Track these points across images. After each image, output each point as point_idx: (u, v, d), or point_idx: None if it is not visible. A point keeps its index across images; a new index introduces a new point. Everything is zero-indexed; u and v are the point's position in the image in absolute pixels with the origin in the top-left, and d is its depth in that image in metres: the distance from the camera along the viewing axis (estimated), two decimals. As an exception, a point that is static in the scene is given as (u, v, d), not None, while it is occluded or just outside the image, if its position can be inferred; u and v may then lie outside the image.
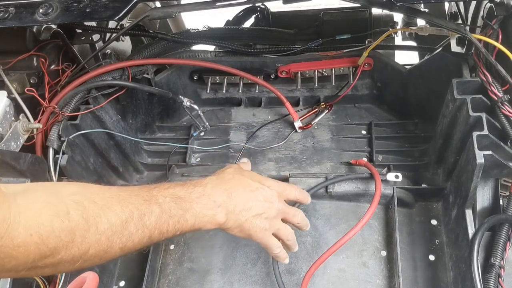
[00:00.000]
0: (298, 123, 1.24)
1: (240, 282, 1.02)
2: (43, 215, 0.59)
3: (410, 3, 1.05)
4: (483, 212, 0.95)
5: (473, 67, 1.06)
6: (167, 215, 0.75)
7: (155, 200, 0.74)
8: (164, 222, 0.74)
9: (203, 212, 0.79)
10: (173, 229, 0.76)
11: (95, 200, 0.67)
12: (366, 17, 1.38)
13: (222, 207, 0.82)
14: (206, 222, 0.80)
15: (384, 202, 1.08)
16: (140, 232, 0.71)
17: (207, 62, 1.26)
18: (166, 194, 0.76)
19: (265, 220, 0.87)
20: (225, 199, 0.82)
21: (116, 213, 0.68)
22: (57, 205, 0.61)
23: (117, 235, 0.67)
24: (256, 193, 0.87)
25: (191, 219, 0.78)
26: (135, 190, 0.75)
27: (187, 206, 0.78)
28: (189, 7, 1.16)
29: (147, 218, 0.72)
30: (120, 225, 0.68)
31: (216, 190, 0.83)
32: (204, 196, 0.81)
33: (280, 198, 0.90)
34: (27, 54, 1.13)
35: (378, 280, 1.00)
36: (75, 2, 0.98)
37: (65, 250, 0.61)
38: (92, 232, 0.64)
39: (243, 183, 0.87)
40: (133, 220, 0.70)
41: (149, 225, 0.72)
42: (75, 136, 1.03)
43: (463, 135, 0.96)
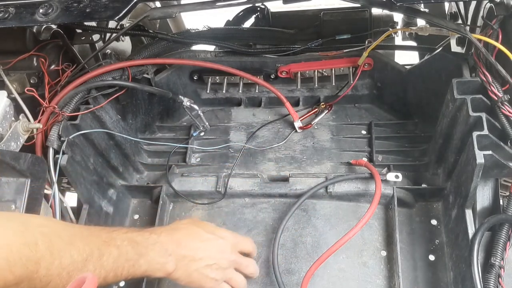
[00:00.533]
0: (298, 123, 1.24)
1: (240, 282, 1.02)
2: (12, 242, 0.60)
3: (410, 3, 1.05)
4: (483, 212, 0.95)
5: (473, 67, 1.06)
6: (124, 258, 0.77)
7: (114, 242, 0.77)
8: (120, 265, 0.77)
9: (155, 259, 0.82)
10: (127, 273, 0.78)
11: (61, 235, 0.70)
12: (366, 17, 1.38)
13: (173, 256, 0.84)
14: (157, 270, 0.82)
15: (384, 202, 1.08)
16: (97, 272, 0.73)
17: (207, 62, 1.26)
18: (124, 238, 0.79)
19: (216, 270, 0.89)
20: (175, 248, 0.85)
21: (79, 250, 0.71)
22: (26, 235, 0.63)
23: (77, 272, 0.70)
24: (208, 244, 0.90)
25: (144, 265, 0.80)
26: (96, 230, 0.79)
27: (142, 251, 0.80)
28: (189, 7, 1.16)
29: (105, 259, 0.74)
30: (81, 262, 0.70)
31: (169, 239, 0.85)
32: (158, 243, 0.83)
33: (233, 249, 0.93)
34: (27, 54, 1.13)
35: (378, 280, 1.00)
36: (75, 2, 0.98)
37: (27, 280, 0.62)
38: (55, 266, 0.66)
39: (195, 234, 0.90)
40: (93, 259, 0.72)
41: (106, 266, 0.74)
42: (75, 136, 1.03)
43: (463, 135, 0.96)
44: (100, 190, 1.11)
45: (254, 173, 1.17)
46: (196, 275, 0.87)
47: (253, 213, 1.12)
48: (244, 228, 1.10)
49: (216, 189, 1.13)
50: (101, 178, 1.12)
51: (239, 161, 1.21)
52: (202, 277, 0.87)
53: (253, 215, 1.12)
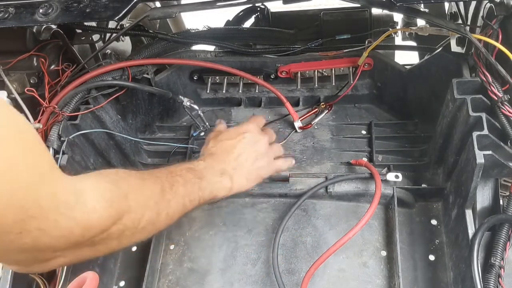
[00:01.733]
0: (298, 123, 1.24)
1: (240, 282, 1.02)
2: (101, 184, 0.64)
3: (410, 3, 1.05)
4: (483, 212, 0.95)
5: (473, 67, 1.06)
6: (190, 184, 0.83)
7: (175, 173, 0.82)
8: (190, 190, 0.82)
9: (213, 179, 0.88)
10: (197, 196, 0.84)
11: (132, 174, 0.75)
12: (366, 17, 1.38)
13: (225, 174, 0.91)
14: (219, 189, 0.89)
15: (384, 202, 1.08)
16: (176, 199, 0.78)
17: (207, 62, 1.26)
18: (182, 168, 0.85)
19: (261, 158, 0.98)
20: (223, 166, 0.92)
21: (153, 183, 0.76)
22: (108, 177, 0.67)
23: (160, 202, 0.75)
24: (239, 146, 0.96)
25: (208, 186, 0.86)
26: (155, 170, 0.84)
27: (200, 175, 0.86)
28: (189, 7, 1.16)
29: (176, 187, 0.79)
30: (159, 193, 0.75)
31: (213, 161, 0.92)
32: (207, 167, 0.89)
33: (258, 132, 1.01)
34: (27, 54, 1.13)
35: (378, 280, 1.00)
36: (75, 2, 0.98)
37: (127, 214, 0.66)
38: (141, 198, 0.70)
39: (225, 147, 0.96)
40: (166, 188, 0.77)
41: (180, 193, 0.79)
42: (75, 136, 1.03)
43: (463, 135, 0.96)
44: (100, 190, 1.11)
45: (254, 173, 1.17)
46: (250, 175, 0.95)
47: (253, 213, 1.12)
48: (244, 228, 1.10)
49: (216, 189, 1.13)
50: (101, 178, 1.12)
51: None
52: (257, 171, 0.96)
53: (253, 215, 1.12)
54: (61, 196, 0.55)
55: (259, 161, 0.98)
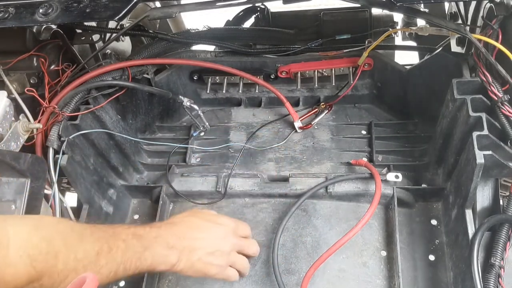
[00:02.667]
0: (298, 123, 1.24)
1: (240, 282, 1.02)
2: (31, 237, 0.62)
3: (410, 3, 1.05)
4: (483, 212, 0.95)
5: (473, 67, 1.06)
6: (131, 251, 0.79)
7: (120, 236, 0.79)
8: (128, 258, 0.78)
9: (159, 252, 0.83)
10: (134, 266, 0.80)
11: (73, 230, 0.72)
12: (366, 17, 1.38)
13: (174, 249, 0.85)
14: (161, 263, 0.84)
15: (384, 202, 1.08)
16: (109, 265, 0.75)
17: (207, 62, 1.26)
18: (128, 232, 0.81)
19: (219, 257, 0.90)
20: (176, 241, 0.86)
21: (90, 244, 0.73)
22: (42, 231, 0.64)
23: (91, 266, 0.72)
24: (208, 232, 0.91)
25: (149, 257, 0.82)
26: (102, 227, 0.80)
27: (146, 244, 0.82)
28: (189, 7, 1.16)
29: (115, 251, 0.76)
30: (94, 256, 0.72)
31: (169, 233, 0.87)
32: (159, 237, 0.85)
33: (233, 234, 0.94)
34: (27, 54, 1.13)
35: (378, 280, 1.00)
36: (75, 2, 0.98)
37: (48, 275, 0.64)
38: (72, 259, 0.68)
39: (193, 224, 0.91)
40: (103, 253, 0.74)
41: (116, 259, 0.76)
42: (75, 136, 1.03)
43: (463, 135, 0.96)
44: (100, 190, 1.11)
45: (254, 173, 1.17)
46: (199, 264, 0.88)
47: (253, 213, 1.12)
48: (244, 228, 1.10)
49: (216, 189, 1.13)
50: (101, 178, 1.12)
51: (239, 161, 1.21)
52: (205, 265, 0.88)
53: (253, 215, 1.12)
54: None
55: (216, 258, 0.90)
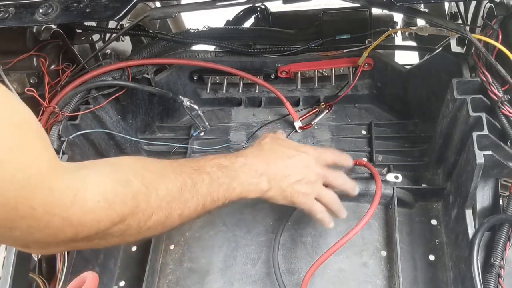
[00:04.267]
0: (298, 123, 1.24)
1: (240, 282, 1.02)
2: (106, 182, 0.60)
3: (410, 3, 1.05)
4: (483, 212, 0.94)
5: (473, 67, 1.06)
6: (217, 183, 0.78)
7: (204, 169, 0.77)
8: (215, 190, 0.77)
9: (248, 180, 0.83)
10: (223, 197, 0.79)
11: (151, 169, 0.70)
12: (366, 17, 1.38)
13: (264, 175, 0.85)
14: (252, 190, 0.84)
15: (384, 202, 1.08)
16: (195, 199, 0.74)
17: (207, 62, 1.26)
18: (213, 164, 0.80)
19: (305, 184, 0.89)
20: (266, 168, 0.85)
21: (172, 180, 0.71)
22: (117, 174, 0.63)
23: (175, 201, 0.70)
24: (293, 160, 0.90)
25: (238, 187, 0.81)
26: (183, 161, 0.80)
27: (233, 174, 0.81)
28: (189, 7, 1.16)
29: (199, 186, 0.75)
30: (176, 191, 0.71)
31: (257, 160, 0.86)
32: (247, 165, 0.84)
33: (317, 162, 0.92)
34: (27, 54, 1.13)
35: (378, 280, 1.00)
36: (75, 2, 0.98)
37: (131, 215, 0.62)
38: (153, 198, 0.66)
39: (280, 152, 0.90)
40: (187, 187, 0.73)
41: (202, 193, 0.75)
42: (75, 136, 1.03)
43: (463, 135, 0.96)
44: (100, 190, 1.10)
45: (254, 173, 1.17)
46: (288, 190, 0.88)
47: (253, 213, 1.12)
48: (244, 228, 1.10)
49: (216, 189, 1.13)
50: (101, 178, 1.12)
51: None
52: (294, 192, 0.88)
53: (253, 215, 1.12)
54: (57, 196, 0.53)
55: (303, 186, 0.89)
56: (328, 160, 0.95)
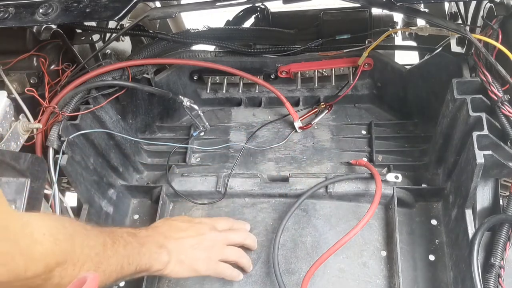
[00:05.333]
0: (298, 123, 1.24)
1: (240, 282, 1.02)
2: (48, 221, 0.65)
3: (410, 3, 1.05)
4: (483, 212, 0.95)
5: (473, 67, 1.06)
6: (131, 247, 0.83)
7: (117, 233, 0.83)
8: (130, 253, 0.82)
9: (152, 249, 0.88)
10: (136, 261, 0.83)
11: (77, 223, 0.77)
12: (366, 17, 1.38)
13: (164, 248, 0.90)
14: (155, 260, 0.88)
15: (384, 202, 1.08)
16: (116, 257, 0.78)
17: (207, 62, 1.26)
18: (123, 231, 0.85)
19: (203, 251, 0.95)
20: (164, 240, 0.91)
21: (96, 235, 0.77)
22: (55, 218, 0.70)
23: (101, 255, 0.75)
24: (188, 231, 0.96)
25: (147, 253, 0.86)
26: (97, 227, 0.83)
27: (141, 241, 0.86)
28: (189, 7, 1.16)
29: (117, 245, 0.80)
30: (101, 246, 0.76)
31: (155, 233, 0.92)
32: (150, 236, 0.90)
33: (212, 228, 0.99)
34: (27, 54, 1.13)
35: (378, 280, 1.00)
36: (75, 2, 0.98)
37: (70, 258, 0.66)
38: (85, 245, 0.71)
39: (173, 226, 0.97)
40: (108, 244, 0.78)
41: (120, 252, 0.79)
42: (75, 136, 1.03)
43: (463, 135, 0.96)
44: (100, 190, 1.11)
45: (254, 173, 1.17)
46: (187, 261, 0.92)
47: (253, 213, 1.12)
48: (244, 228, 1.10)
49: (216, 189, 1.13)
50: (101, 178, 1.12)
51: (239, 161, 1.21)
52: (193, 260, 0.93)
53: (253, 215, 1.12)
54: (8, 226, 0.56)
55: (200, 252, 0.95)
56: (224, 226, 1.03)
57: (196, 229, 0.97)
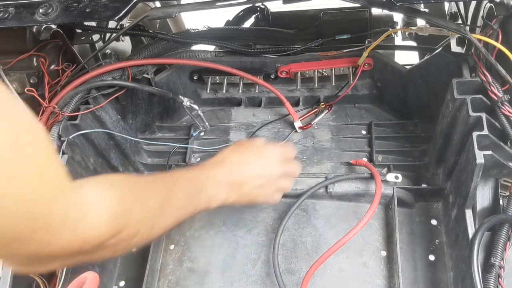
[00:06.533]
0: (298, 123, 1.24)
1: (240, 282, 1.02)
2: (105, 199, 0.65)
3: (410, 3, 1.05)
4: (483, 212, 0.95)
5: (473, 67, 1.06)
6: (190, 198, 0.84)
7: (178, 185, 0.83)
8: (187, 204, 0.83)
9: (211, 192, 0.88)
10: (192, 209, 0.84)
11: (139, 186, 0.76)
12: (366, 17, 1.38)
13: (224, 186, 0.90)
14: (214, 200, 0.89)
15: (384, 202, 1.08)
16: (173, 212, 0.80)
17: (207, 62, 1.26)
18: (184, 179, 0.85)
19: (266, 188, 0.95)
20: (225, 178, 0.90)
21: (156, 196, 0.77)
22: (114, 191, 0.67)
23: (159, 216, 0.76)
24: (254, 166, 0.95)
25: (203, 198, 0.87)
26: (162, 177, 0.85)
27: (201, 187, 0.87)
28: (189, 7, 1.16)
29: (175, 201, 0.80)
30: (159, 207, 0.76)
31: (218, 172, 0.90)
32: (210, 178, 0.89)
33: (278, 163, 0.97)
34: (27, 54, 1.13)
35: (378, 280, 1.00)
36: (75, 2, 0.98)
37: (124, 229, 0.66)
38: (142, 212, 0.72)
39: (240, 160, 0.95)
40: (166, 202, 0.78)
41: (178, 207, 0.81)
42: (75, 136, 1.03)
43: (463, 135, 0.96)
44: (100, 190, 1.10)
45: (254, 173, 1.17)
46: (248, 196, 0.94)
47: (253, 213, 1.12)
48: (244, 228, 1.10)
49: (216, 189, 1.13)
50: (101, 178, 1.12)
51: None
52: (254, 196, 0.95)
53: (253, 215, 1.12)
54: (70, 212, 0.56)
55: (263, 189, 0.95)
56: (291, 156, 1.02)
57: (263, 166, 0.96)
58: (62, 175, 0.57)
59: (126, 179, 0.78)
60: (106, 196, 0.65)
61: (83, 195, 0.61)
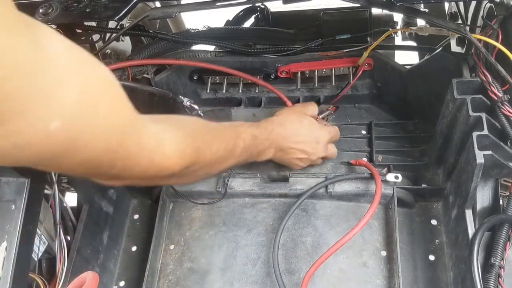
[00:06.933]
0: (298, 123, 1.24)
1: (240, 282, 1.02)
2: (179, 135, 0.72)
3: (410, 3, 1.05)
4: (483, 212, 0.95)
5: (473, 67, 1.06)
6: (248, 152, 0.93)
7: (241, 137, 0.91)
8: (244, 154, 0.92)
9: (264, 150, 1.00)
10: (244, 159, 0.94)
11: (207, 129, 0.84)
12: (366, 17, 1.38)
13: (274, 148, 1.01)
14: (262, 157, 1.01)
15: (384, 202, 1.08)
16: (232, 160, 0.89)
17: (207, 63, 1.26)
18: (248, 133, 0.94)
19: (305, 162, 1.08)
20: (278, 142, 1.02)
21: (220, 141, 0.84)
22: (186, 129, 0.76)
23: (219, 160, 0.84)
24: (305, 144, 1.05)
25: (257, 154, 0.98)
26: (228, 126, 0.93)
27: (258, 144, 0.97)
28: (189, 7, 1.16)
29: (236, 149, 0.89)
30: (223, 151, 0.84)
31: (275, 136, 1.01)
32: (267, 140, 0.99)
33: (324, 149, 1.08)
34: (27, 54, 1.13)
35: (378, 280, 1.00)
36: (75, 2, 0.98)
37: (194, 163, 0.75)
38: (208, 153, 0.79)
39: (296, 133, 1.04)
40: (229, 148, 0.87)
41: (236, 154, 0.89)
42: (75, 136, 1.02)
43: (463, 135, 0.96)
44: (100, 190, 1.11)
45: (254, 173, 1.17)
46: (285, 161, 1.07)
47: (253, 213, 1.13)
48: (244, 228, 1.10)
49: (216, 189, 1.13)
50: (101, 178, 1.12)
51: None
52: (290, 163, 1.08)
53: (253, 215, 1.12)
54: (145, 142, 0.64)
55: (302, 162, 1.07)
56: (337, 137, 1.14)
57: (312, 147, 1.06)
58: (132, 110, 0.65)
59: (198, 121, 0.85)
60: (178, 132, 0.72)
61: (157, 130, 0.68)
